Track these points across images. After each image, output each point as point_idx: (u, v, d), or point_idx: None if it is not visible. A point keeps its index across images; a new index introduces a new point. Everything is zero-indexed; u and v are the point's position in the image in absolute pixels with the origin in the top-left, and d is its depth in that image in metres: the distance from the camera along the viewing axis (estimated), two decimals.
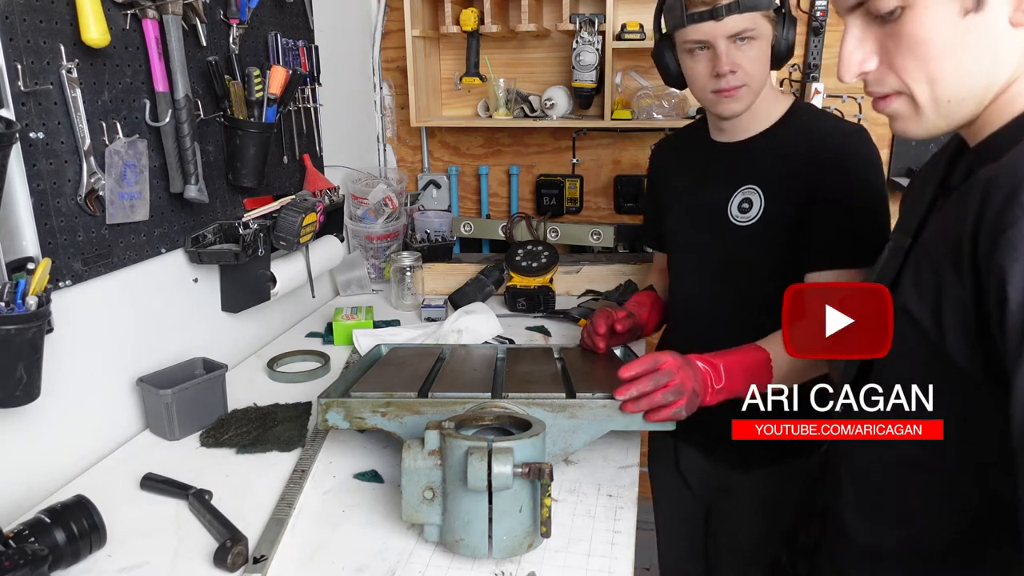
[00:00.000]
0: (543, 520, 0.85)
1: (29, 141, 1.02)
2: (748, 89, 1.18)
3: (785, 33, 1.18)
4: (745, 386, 0.95)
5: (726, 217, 1.25)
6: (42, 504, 0.98)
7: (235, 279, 1.49)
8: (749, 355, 1.09)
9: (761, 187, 1.22)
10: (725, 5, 1.12)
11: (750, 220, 1.22)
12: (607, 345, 1.34)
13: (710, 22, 1.13)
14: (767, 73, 1.20)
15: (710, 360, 1.06)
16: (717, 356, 1.08)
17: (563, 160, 2.26)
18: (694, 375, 1.03)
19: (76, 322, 1.13)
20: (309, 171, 1.79)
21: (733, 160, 1.27)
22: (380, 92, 2.28)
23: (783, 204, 1.20)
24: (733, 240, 1.24)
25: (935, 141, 0.87)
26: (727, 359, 1.07)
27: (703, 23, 1.14)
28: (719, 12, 1.12)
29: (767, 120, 1.25)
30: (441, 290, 1.99)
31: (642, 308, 1.42)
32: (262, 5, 1.53)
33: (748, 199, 1.23)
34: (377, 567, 0.90)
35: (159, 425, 1.24)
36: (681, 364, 1.02)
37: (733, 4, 1.12)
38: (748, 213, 1.23)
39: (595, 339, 1.33)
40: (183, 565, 0.92)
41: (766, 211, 1.21)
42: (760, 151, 1.24)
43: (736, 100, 1.19)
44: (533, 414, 1.01)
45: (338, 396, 1.10)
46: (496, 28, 1.94)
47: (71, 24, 1.07)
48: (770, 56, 1.19)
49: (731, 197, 1.25)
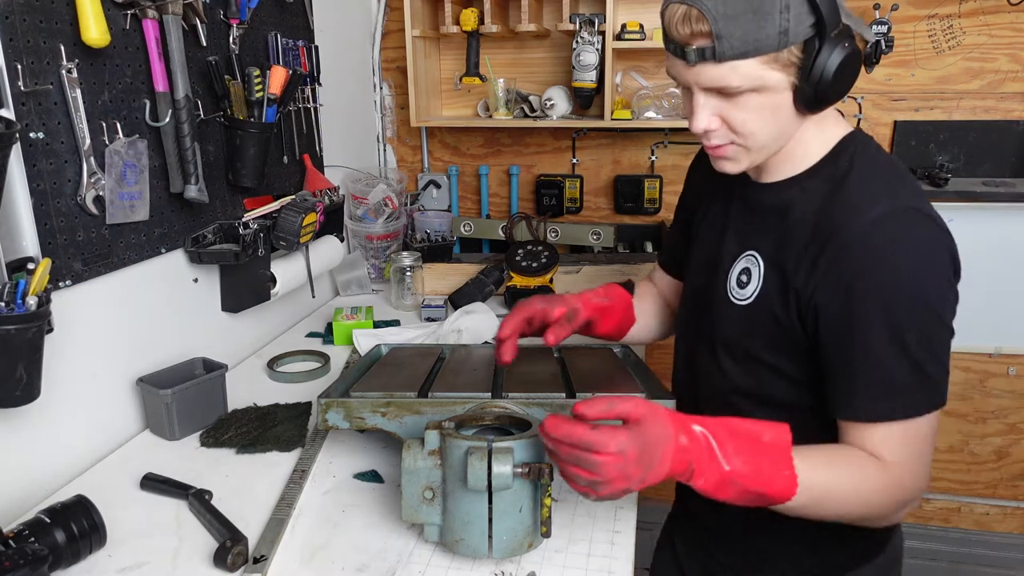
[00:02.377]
0: (543, 520, 0.85)
1: (29, 141, 1.02)
2: (741, 150, 0.90)
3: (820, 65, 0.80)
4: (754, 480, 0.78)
5: (726, 291, 0.99)
6: (42, 504, 0.98)
7: (235, 279, 1.49)
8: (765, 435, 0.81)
9: (760, 255, 0.95)
10: (696, 49, 0.81)
11: (746, 298, 0.96)
12: (514, 351, 1.09)
13: (681, 61, 0.85)
14: (781, 128, 0.88)
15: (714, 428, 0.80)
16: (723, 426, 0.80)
17: (563, 160, 2.26)
18: (648, 463, 0.76)
19: (76, 322, 1.13)
20: (309, 171, 1.79)
21: (752, 209, 0.99)
22: (380, 92, 2.28)
23: (775, 284, 0.92)
24: (727, 316, 0.99)
25: (935, 141, 0.86)
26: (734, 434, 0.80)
27: (676, 59, 0.86)
28: (688, 55, 0.83)
29: (803, 161, 0.93)
30: (441, 290, 1.99)
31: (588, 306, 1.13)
32: (262, 5, 1.53)
33: (747, 270, 0.96)
34: (377, 567, 0.90)
35: (159, 425, 1.24)
36: (633, 445, 0.75)
37: (707, 49, 0.80)
38: (745, 289, 0.96)
39: (499, 347, 1.08)
40: (183, 565, 0.92)
41: (762, 289, 0.94)
42: (776, 207, 0.94)
43: (729, 161, 0.92)
44: (533, 414, 1.01)
45: (338, 396, 1.10)
46: (496, 28, 1.94)
47: (71, 24, 1.07)
48: (790, 104, 0.85)
49: (735, 260, 0.99)
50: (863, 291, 0.83)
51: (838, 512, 0.85)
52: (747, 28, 0.78)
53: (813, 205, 0.90)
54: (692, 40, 0.82)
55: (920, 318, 0.82)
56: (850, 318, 0.84)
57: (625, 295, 1.20)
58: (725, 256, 1.01)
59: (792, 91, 0.84)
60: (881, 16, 1.92)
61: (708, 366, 1.04)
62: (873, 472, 0.84)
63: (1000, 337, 2.15)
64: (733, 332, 0.98)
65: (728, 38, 0.79)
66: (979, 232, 2.08)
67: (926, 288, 0.82)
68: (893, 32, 1.93)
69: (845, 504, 0.84)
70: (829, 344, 0.87)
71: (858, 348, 0.84)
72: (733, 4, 0.78)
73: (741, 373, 0.99)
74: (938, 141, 2.01)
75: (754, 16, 0.78)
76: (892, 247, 0.82)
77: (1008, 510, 2.32)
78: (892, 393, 0.84)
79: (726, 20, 0.78)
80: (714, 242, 1.05)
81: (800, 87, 0.83)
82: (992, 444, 2.27)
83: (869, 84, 2.02)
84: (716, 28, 0.79)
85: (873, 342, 0.83)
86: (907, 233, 0.83)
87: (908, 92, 2.01)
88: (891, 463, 0.84)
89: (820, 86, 0.82)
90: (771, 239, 0.94)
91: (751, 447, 0.79)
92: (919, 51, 1.97)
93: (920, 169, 2.01)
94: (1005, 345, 2.16)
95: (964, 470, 2.32)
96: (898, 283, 0.81)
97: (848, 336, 0.85)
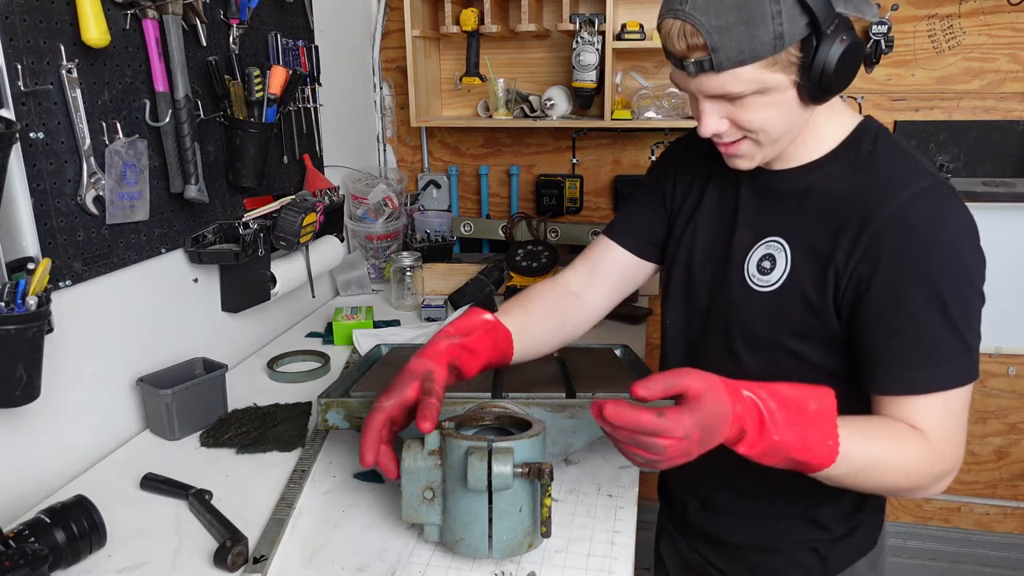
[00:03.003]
0: (543, 520, 0.85)
1: (29, 141, 1.02)
2: (754, 145, 0.91)
3: (820, 61, 0.81)
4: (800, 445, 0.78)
5: (743, 276, 0.98)
6: (42, 504, 0.98)
7: (235, 279, 1.49)
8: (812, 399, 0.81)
9: (787, 242, 0.95)
10: (694, 61, 0.83)
11: (769, 285, 0.96)
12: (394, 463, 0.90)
13: (682, 72, 0.86)
14: (790, 121, 0.89)
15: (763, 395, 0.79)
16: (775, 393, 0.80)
17: (563, 160, 2.26)
18: (709, 440, 0.77)
19: (76, 322, 1.13)
20: (309, 171, 1.79)
21: (766, 196, 0.99)
22: (380, 92, 2.28)
23: (808, 271, 0.92)
24: (744, 304, 0.98)
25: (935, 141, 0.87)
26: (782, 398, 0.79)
27: (677, 70, 0.87)
28: (687, 68, 0.84)
29: (818, 148, 0.94)
30: (441, 290, 1.99)
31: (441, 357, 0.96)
32: (262, 5, 1.53)
33: (770, 256, 0.96)
34: (377, 567, 0.90)
35: (159, 425, 1.24)
36: (698, 428, 0.75)
37: (705, 61, 0.82)
38: (768, 276, 0.96)
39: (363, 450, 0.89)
40: (183, 565, 0.92)
41: (790, 276, 0.93)
42: (795, 192, 0.95)
43: (742, 157, 0.93)
44: (533, 414, 1.01)
45: (338, 396, 1.10)
46: (496, 28, 1.94)
47: (71, 24, 1.07)
48: (796, 100, 0.86)
49: (752, 248, 0.98)
50: (907, 262, 0.85)
51: (878, 482, 0.85)
52: (741, 38, 0.79)
53: (841, 186, 0.91)
54: (689, 53, 0.83)
55: (961, 287, 0.85)
56: (894, 288, 0.85)
57: (487, 319, 1.04)
58: (737, 247, 1.00)
59: (796, 88, 0.85)
60: (881, 16, 1.92)
61: (719, 358, 1.02)
62: (913, 444, 0.84)
63: (1000, 337, 2.16)
64: (756, 320, 0.98)
65: (724, 49, 0.80)
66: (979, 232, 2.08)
67: (965, 258, 0.86)
68: (893, 32, 1.93)
69: (885, 474, 0.84)
70: (872, 318, 0.87)
71: (903, 318, 0.85)
72: (725, 16, 0.79)
73: (757, 362, 0.99)
74: (938, 141, 2.01)
75: (746, 26, 0.79)
76: (934, 220, 0.85)
77: (1008, 510, 2.32)
78: (936, 361, 0.85)
79: (719, 32, 0.80)
80: (720, 235, 1.03)
81: (803, 84, 0.84)
82: (992, 444, 2.27)
83: (869, 84, 2.02)
84: (711, 41, 0.80)
85: (919, 310, 0.84)
86: (945, 206, 0.86)
87: (908, 92, 2.01)
88: (932, 435, 0.85)
89: (823, 81, 0.83)
90: (795, 223, 0.95)
91: (799, 418, 0.79)
92: (919, 51, 1.97)
93: None
94: (1005, 345, 2.16)
95: (964, 470, 2.32)
96: (941, 254, 0.84)
97: (893, 306, 0.86)
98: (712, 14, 0.79)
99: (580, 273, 1.17)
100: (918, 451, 0.85)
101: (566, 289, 1.16)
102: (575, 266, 1.18)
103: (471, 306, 1.07)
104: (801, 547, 1.07)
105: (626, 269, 1.15)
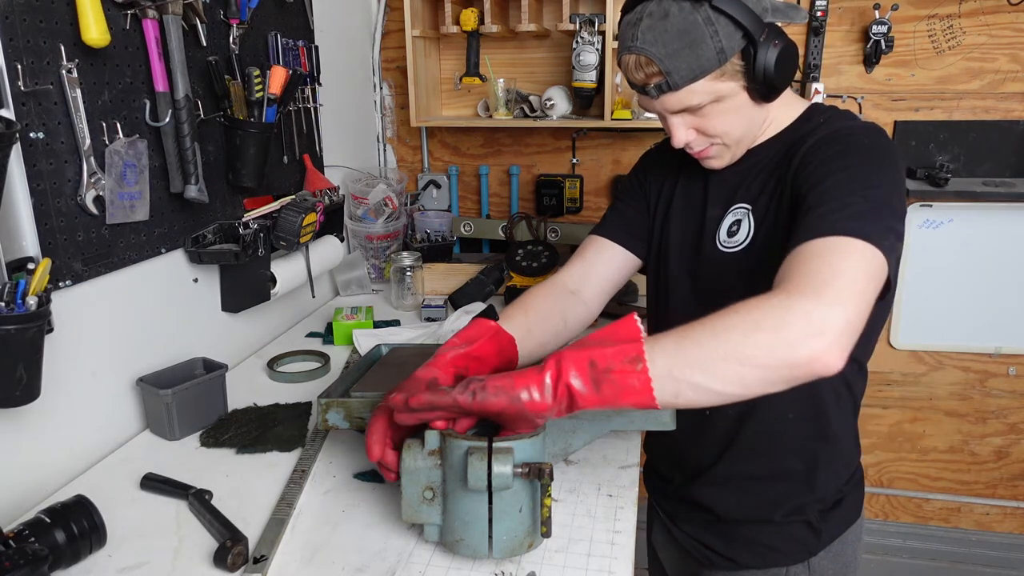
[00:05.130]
0: (543, 520, 0.85)
1: (29, 141, 1.02)
2: (722, 147, 1.04)
3: (759, 65, 0.94)
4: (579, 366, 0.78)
5: (714, 243, 1.08)
6: (42, 504, 0.98)
7: (235, 279, 1.49)
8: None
9: (751, 205, 1.05)
10: (654, 86, 0.97)
11: (737, 245, 1.05)
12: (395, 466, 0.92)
13: (646, 96, 1.00)
14: (748, 121, 1.02)
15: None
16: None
17: (563, 160, 2.26)
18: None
19: (76, 322, 1.13)
20: (309, 171, 1.79)
21: (728, 177, 1.10)
22: (380, 92, 2.28)
23: (774, 223, 1.01)
24: (718, 268, 1.08)
25: (935, 141, 0.88)
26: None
27: (642, 95, 1.01)
28: (650, 92, 0.98)
29: (772, 130, 1.07)
30: (441, 290, 1.99)
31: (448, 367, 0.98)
32: (262, 5, 1.53)
33: (737, 221, 1.07)
34: (377, 567, 0.90)
35: (159, 425, 1.24)
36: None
37: (663, 84, 0.96)
38: (735, 237, 1.06)
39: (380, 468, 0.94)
40: (183, 565, 0.92)
41: (756, 234, 1.03)
42: (751, 166, 1.07)
43: (714, 158, 1.06)
44: None
45: (338, 396, 1.10)
46: (496, 28, 1.94)
47: (71, 24, 1.07)
48: (749, 101, 0.99)
49: (722, 219, 1.09)
50: (832, 155, 0.93)
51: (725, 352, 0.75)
52: (689, 58, 0.93)
53: (791, 138, 1.03)
54: (649, 80, 0.97)
55: (884, 181, 0.89)
56: (819, 175, 0.92)
57: (490, 326, 1.07)
58: (709, 222, 1.10)
59: (746, 91, 0.98)
60: (881, 16, 1.92)
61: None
62: (749, 302, 0.78)
63: (1000, 337, 2.16)
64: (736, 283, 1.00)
65: (676, 71, 0.94)
66: (979, 232, 2.08)
67: (887, 160, 0.92)
68: (893, 32, 1.93)
69: (718, 337, 0.76)
70: (798, 204, 0.92)
71: (823, 193, 0.88)
72: (670, 44, 0.93)
73: None
74: (938, 141, 2.01)
75: (691, 48, 0.92)
76: (859, 131, 0.96)
77: (1008, 510, 2.32)
78: (848, 217, 0.83)
79: (669, 58, 0.93)
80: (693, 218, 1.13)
81: (750, 86, 0.97)
82: (992, 444, 2.27)
83: (869, 84, 2.02)
84: (664, 67, 0.94)
85: (839, 187, 0.88)
86: (872, 128, 0.98)
87: (908, 92, 2.01)
88: (795, 274, 0.79)
89: (767, 80, 0.95)
90: (756, 186, 1.05)
91: (597, 340, 0.81)
92: (919, 51, 1.98)
93: (920, 169, 2.01)
94: (1005, 345, 2.16)
95: (964, 470, 2.32)
96: (865, 151, 0.93)
97: (816, 186, 0.90)
98: (660, 44, 0.93)
99: (576, 271, 1.21)
100: (760, 302, 0.77)
101: (564, 288, 1.20)
102: (570, 265, 1.23)
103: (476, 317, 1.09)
104: (794, 517, 1.09)
105: (619, 265, 1.22)
